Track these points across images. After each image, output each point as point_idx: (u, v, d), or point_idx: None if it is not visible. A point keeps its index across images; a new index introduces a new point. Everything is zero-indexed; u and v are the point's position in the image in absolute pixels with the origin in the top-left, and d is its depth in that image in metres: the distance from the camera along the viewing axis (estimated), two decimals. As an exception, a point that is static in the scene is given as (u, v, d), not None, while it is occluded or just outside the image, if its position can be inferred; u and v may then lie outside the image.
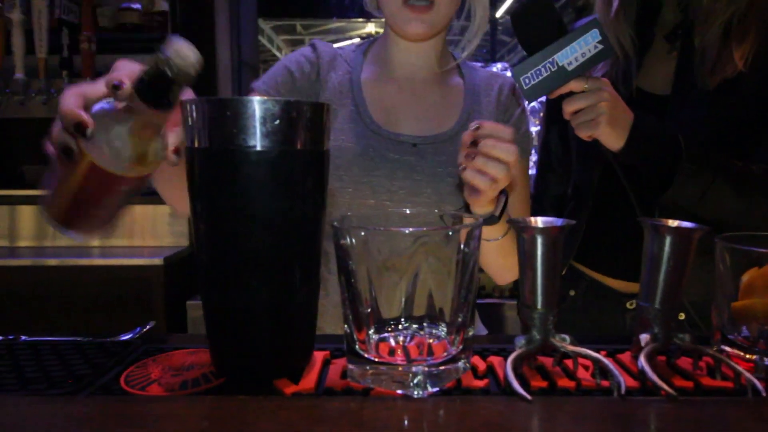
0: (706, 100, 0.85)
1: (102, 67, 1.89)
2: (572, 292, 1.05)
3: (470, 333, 0.99)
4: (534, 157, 1.21)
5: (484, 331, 0.98)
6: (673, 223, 0.47)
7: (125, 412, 0.38)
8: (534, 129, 2.03)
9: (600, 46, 0.68)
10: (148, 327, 0.55)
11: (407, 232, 0.44)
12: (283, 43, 4.97)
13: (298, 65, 0.86)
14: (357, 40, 0.95)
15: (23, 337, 0.56)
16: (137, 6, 1.89)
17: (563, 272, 1.05)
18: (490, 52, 3.07)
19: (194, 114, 0.43)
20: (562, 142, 1.10)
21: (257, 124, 0.41)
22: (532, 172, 1.21)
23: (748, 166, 0.81)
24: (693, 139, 0.81)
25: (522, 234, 0.46)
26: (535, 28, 0.70)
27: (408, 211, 0.50)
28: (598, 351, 0.51)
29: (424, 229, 0.45)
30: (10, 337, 0.56)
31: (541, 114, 1.73)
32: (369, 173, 0.81)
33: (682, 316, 0.90)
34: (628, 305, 0.96)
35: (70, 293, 1.70)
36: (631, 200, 0.90)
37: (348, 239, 0.43)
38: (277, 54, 5.24)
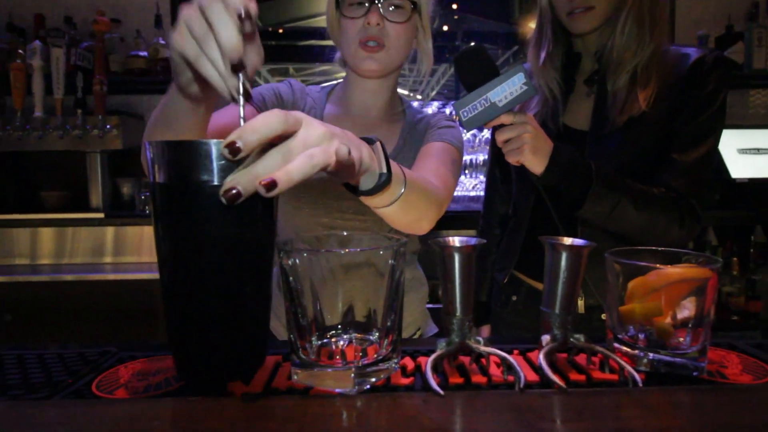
0: (617, 134, 0.89)
1: (112, 105, 1.89)
2: (514, 297, 1.06)
3: (418, 334, 0.97)
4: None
5: (435, 329, 0.99)
6: (567, 240, 0.49)
7: (89, 413, 0.38)
8: (485, 156, 2.07)
9: (525, 87, 0.70)
10: None
11: (342, 252, 0.45)
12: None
13: (283, 92, 0.89)
14: (342, 80, 0.97)
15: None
16: (144, 53, 1.90)
17: (505, 281, 1.06)
18: (454, 91, 3.14)
19: (154, 154, 0.43)
20: (502, 169, 1.13)
21: (209, 163, 0.42)
22: (482, 193, 1.23)
23: (650, 189, 0.84)
24: (603, 165, 0.83)
25: (442, 251, 0.48)
26: (473, 71, 0.72)
27: (345, 233, 0.51)
28: (512, 350, 0.52)
29: (358, 250, 0.46)
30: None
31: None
32: (322, 195, 0.83)
33: (604, 317, 0.92)
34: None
35: (85, 305, 1.68)
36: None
37: (292, 260, 0.44)
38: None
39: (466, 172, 2.14)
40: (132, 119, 1.90)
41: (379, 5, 0.78)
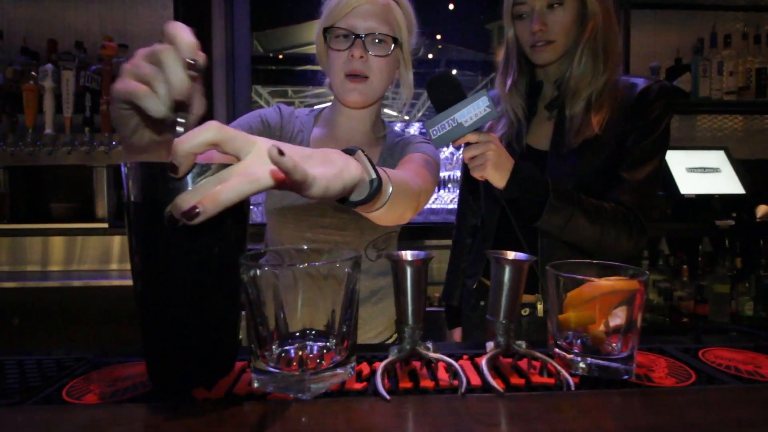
0: (573, 154, 0.90)
1: (118, 124, 1.87)
2: (482, 302, 1.06)
3: (393, 338, 0.95)
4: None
5: None
6: (510, 255, 0.49)
7: (53, 418, 0.37)
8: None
9: (488, 109, 0.71)
10: None
11: (301, 266, 0.44)
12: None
13: (271, 117, 0.87)
14: (330, 104, 0.97)
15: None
16: (149, 76, 1.89)
17: (474, 286, 1.06)
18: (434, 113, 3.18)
19: (129, 174, 0.43)
20: (472, 185, 1.13)
21: (179, 182, 0.41)
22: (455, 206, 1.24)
23: (601, 203, 0.84)
24: (559, 182, 0.84)
25: (395, 265, 0.47)
26: (442, 94, 0.72)
27: (305, 247, 0.50)
28: (462, 356, 0.52)
29: (316, 264, 0.45)
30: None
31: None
32: (306, 212, 0.82)
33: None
34: (523, 312, 0.98)
35: (92, 309, 1.66)
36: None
37: (254, 273, 0.43)
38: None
39: (449, 186, 2.15)
40: (137, 136, 1.89)
41: (363, 40, 0.78)
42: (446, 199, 2.10)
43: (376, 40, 0.79)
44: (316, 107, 0.99)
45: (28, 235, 1.81)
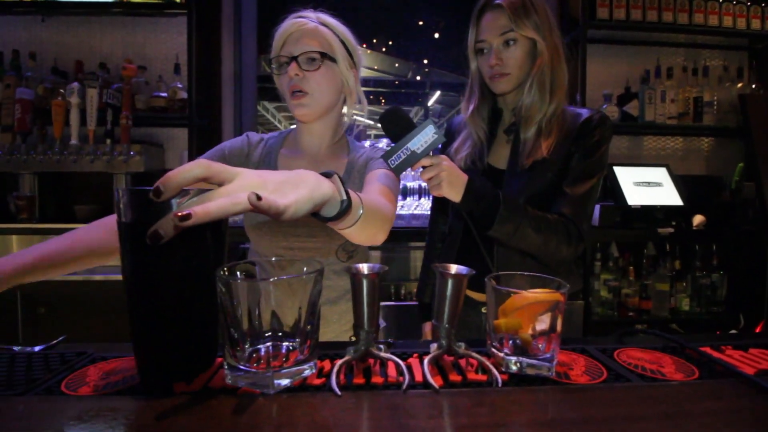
0: (525, 173, 0.91)
1: (136, 136, 1.87)
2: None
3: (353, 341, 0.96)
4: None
5: (382, 324, 0.99)
6: (452, 269, 0.50)
7: (48, 408, 0.38)
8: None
9: (435, 135, 0.71)
10: (58, 341, 0.54)
11: (271, 280, 0.45)
12: (283, 118, 5.01)
13: (232, 148, 0.88)
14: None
15: (16, 348, 0.54)
16: (164, 94, 1.88)
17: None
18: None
19: (121, 198, 0.44)
20: (441, 198, 1.14)
21: (167, 206, 0.42)
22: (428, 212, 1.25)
23: (545, 215, 0.86)
24: (508, 195, 0.85)
25: (353, 277, 0.48)
26: (395, 126, 0.72)
27: (273, 259, 0.51)
28: (412, 354, 0.53)
29: (284, 277, 0.46)
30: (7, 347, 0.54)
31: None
32: (279, 225, 0.83)
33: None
34: (482, 309, 0.99)
35: (112, 302, 1.65)
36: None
37: (226, 284, 0.43)
38: (278, 125, 5.29)
39: (429, 195, 2.16)
40: (152, 147, 1.88)
41: (297, 59, 0.80)
42: (426, 207, 2.11)
43: (309, 58, 0.81)
44: (285, 130, 0.99)
45: (55, 234, 1.80)
